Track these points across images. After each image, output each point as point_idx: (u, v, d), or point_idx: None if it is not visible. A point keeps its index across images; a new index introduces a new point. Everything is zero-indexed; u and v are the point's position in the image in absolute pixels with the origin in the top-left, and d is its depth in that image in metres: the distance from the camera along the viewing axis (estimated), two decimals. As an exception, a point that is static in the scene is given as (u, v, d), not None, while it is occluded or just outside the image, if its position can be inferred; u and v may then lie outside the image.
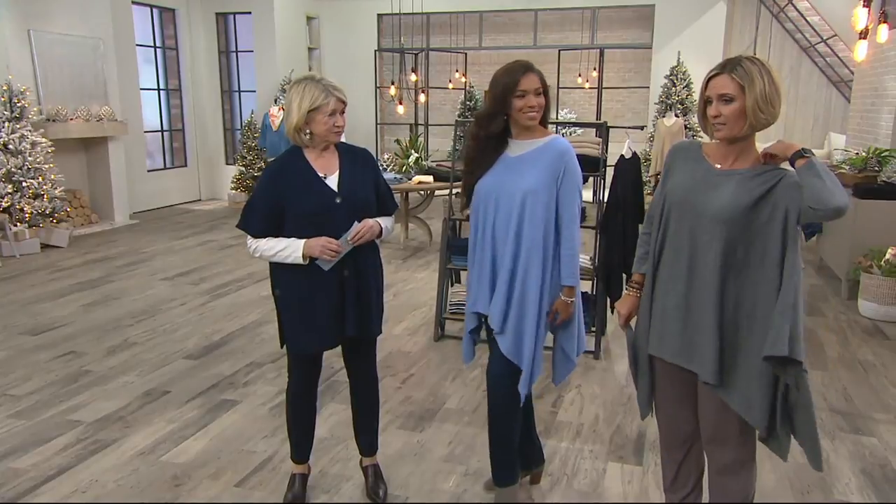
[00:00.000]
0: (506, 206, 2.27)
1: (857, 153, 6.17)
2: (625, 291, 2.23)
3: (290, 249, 2.26)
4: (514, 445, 2.44)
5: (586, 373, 3.88)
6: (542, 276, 2.27)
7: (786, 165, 1.83)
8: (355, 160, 2.40)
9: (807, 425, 1.82)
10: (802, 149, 1.76)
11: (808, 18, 10.40)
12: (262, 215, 2.30)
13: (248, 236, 2.35)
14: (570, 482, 2.76)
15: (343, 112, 2.31)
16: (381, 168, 2.61)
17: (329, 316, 2.33)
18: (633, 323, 2.16)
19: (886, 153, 5.59)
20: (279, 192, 2.29)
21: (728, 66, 1.82)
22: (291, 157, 2.35)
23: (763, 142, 1.92)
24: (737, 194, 1.81)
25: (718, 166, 1.89)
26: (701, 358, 1.88)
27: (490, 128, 2.29)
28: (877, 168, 5.50)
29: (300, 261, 2.26)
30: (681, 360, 1.94)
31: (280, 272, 2.37)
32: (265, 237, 2.31)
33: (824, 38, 10.38)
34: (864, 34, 4.95)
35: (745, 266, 1.84)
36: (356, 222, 2.29)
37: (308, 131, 2.29)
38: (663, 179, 2.03)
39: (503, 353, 2.28)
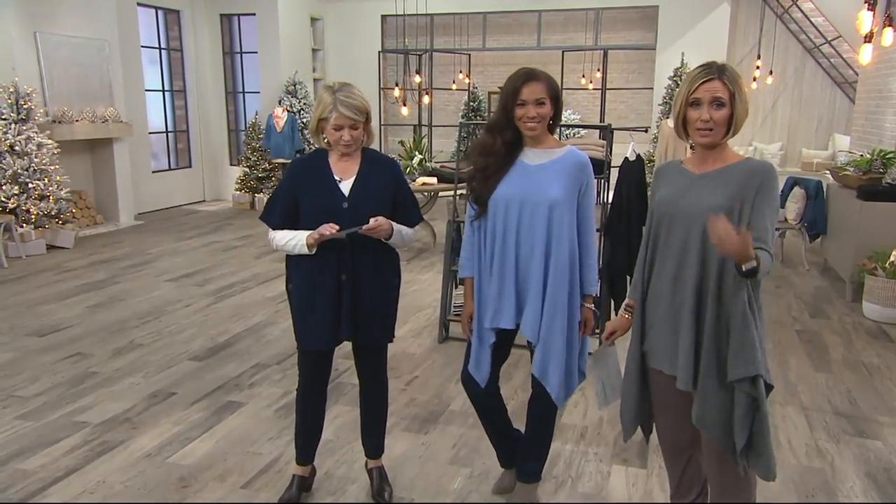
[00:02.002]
0: (532, 217, 2.22)
1: (862, 155, 6.16)
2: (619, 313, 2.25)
3: (297, 240, 2.34)
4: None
5: (590, 375, 3.88)
6: (571, 287, 2.28)
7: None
8: (376, 169, 2.42)
9: (762, 440, 1.83)
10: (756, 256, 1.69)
11: (812, 19, 10.40)
12: (280, 209, 2.39)
13: (269, 229, 2.43)
14: (575, 485, 2.77)
15: (355, 127, 2.30)
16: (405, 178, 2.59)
17: (326, 317, 2.38)
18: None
19: (891, 155, 5.58)
20: (297, 187, 2.38)
21: (717, 71, 1.82)
22: (316, 156, 2.43)
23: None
24: (715, 191, 1.85)
25: (697, 171, 1.93)
26: (678, 362, 1.90)
27: (504, 136, 2.24)
28: (881, 170, 5.49)
29: (306, 250, 2.31)
30: (672, 369, 1.95)
31: (291, 268, 2.46)
32: (283, 229, 2.38)
33: (829, 39, 10.37)
34: (868, 37, 4.94)
35: (717, 266, 1.84)
36: (371, 220, 2.30)
37: (324, 136, 2.35)
38: (651, 201, 2.05)
39: (532, 368, 2.29)
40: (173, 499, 2.64)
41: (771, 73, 10.91)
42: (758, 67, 10.46)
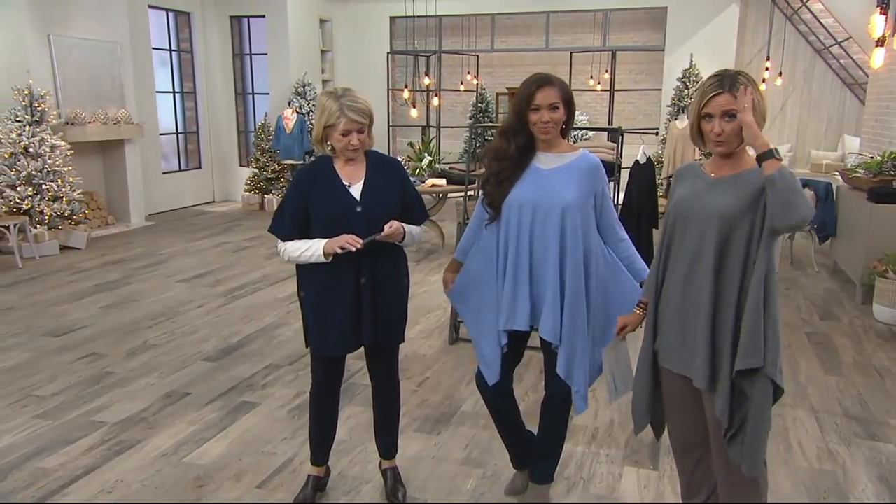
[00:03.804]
0: (545, 220, 2.25)
1: (872, 157, 6.15)
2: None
3: (313, 249, 2.33)
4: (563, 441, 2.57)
5: (601, 376, 3.89)
6: (587, 288, 2.30)
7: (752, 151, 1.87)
8: (382, 170, 2.44)
9: (753, 438, 1.84)
10: (772, 150, 1.77)
11: (821, 20, 10.37)
12: (289, 219, 2.39)
13: (279, 240, 2.42)
14: (587, 486, 2.79)
15: (361, 131, 2.31)
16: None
17: (346, 323, 2.39)
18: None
19: (902, 157, 5.57)
20: (305, 194, 2.38)
21: (727, 84, 1.85)
22: (321, 162, 2.43)
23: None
24: (729, 194, 1.89)
25: (713, 175, 1.97)
26: (694, 362, 1.93)
27: (518, 140, 2.28)
28: (892, 172, 5.48)
29: (322, 259, 2.32)
30: (681, 367, 1.99)
31: (304, 276, 2.45)
32: (293, 240, 2.38)
33: (838, 40, 10.34)
34: (881, 41, 4.93)
35: (738, 269, 1.87)
36: (386, 226, 2.32)
37: (329, 143, 2.36)
38: (667, 202, 2.09)
39: (556, 369, 2.32)
40: (190, 498, 2.68)
41: (780, 74, 10.89)
42: (767, 69, 10.44)
